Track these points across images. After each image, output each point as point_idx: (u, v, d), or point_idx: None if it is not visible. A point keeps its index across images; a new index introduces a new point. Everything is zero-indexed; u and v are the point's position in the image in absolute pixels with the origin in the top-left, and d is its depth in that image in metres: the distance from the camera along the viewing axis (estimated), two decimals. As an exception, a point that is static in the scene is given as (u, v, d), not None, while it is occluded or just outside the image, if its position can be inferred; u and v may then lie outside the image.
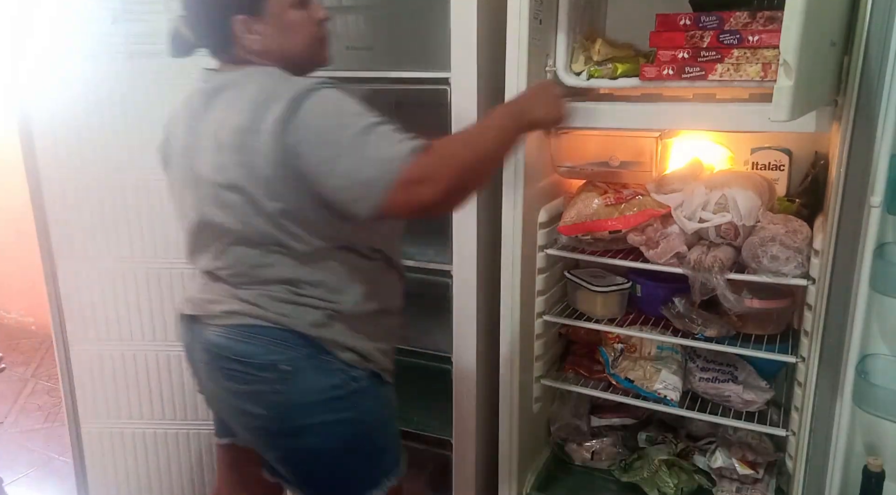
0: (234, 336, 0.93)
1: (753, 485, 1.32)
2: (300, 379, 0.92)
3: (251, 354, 0.92)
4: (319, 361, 0.93)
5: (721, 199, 1.17)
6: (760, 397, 1.27)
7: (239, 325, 0.94)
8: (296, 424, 0.94)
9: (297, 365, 0.92)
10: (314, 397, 0.93)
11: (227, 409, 1.01)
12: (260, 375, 0.92)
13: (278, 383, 0.92)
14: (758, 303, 1.20)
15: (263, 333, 0.92)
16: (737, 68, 1.07)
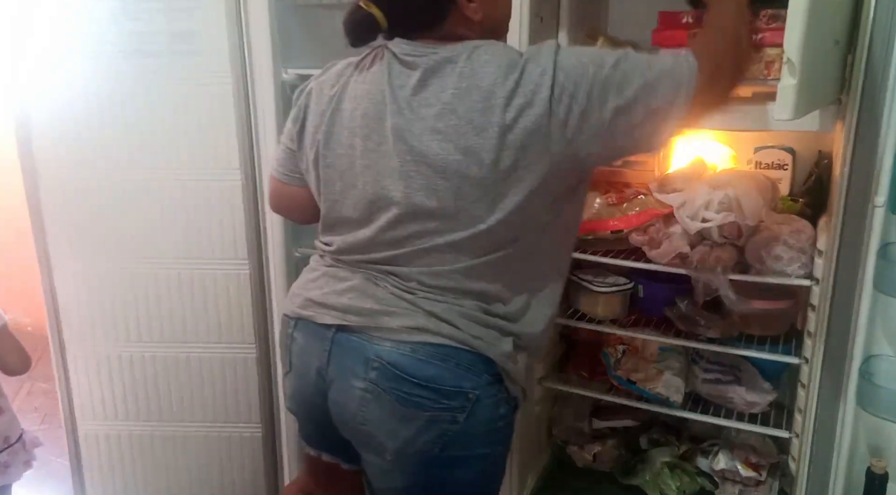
0: (421, 356, 0.84)
1: (756, 488, 1.32)
2: (479, 409, 0.85)
3: (440, 379, 0.84)
4: (497, 390, 0.87)
5: (724, 199, 1.16)
6: (763, 399, 1.26)
7: (426, 344, 0.84)
8: (458, 454, 0.87)
9: (479, 393, 0.85)
10: (484, 428, 0.87)
11: (370, 432, 0.88)
12: (444, 403, 0.84)
13: (460, 412, 0.85)
14: (761, 303, 1.20)
15: (454, 357, 0.84)
16: (740, 67, 1.06)
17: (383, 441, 0.87)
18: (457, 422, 0.85)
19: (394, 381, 0.84)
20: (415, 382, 0.84)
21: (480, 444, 0.88)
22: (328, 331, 0.89)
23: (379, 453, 0.88)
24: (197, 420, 1.50)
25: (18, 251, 2.05)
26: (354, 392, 0.87)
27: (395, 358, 0.84)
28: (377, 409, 0.86)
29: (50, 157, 1.38)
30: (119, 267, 1.42)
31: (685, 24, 1.10)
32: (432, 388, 0.84)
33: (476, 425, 0.86)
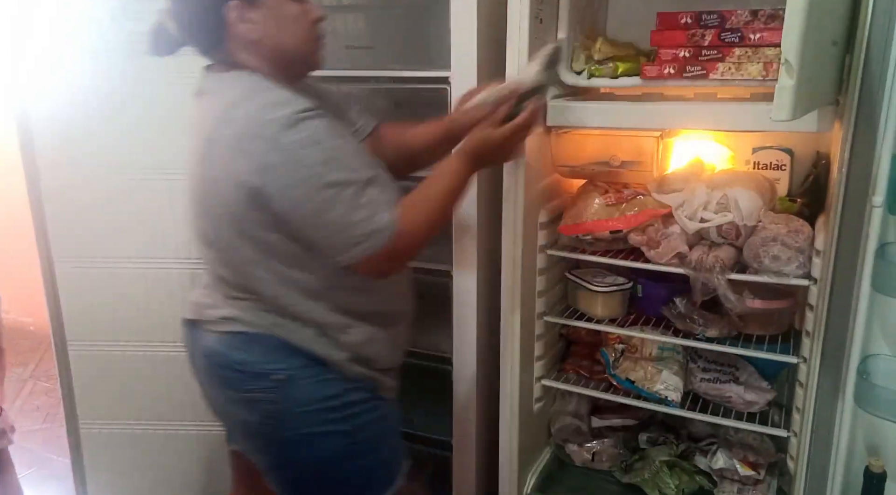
0: (231, 343, 0.93)
1: (755, 486, 1.32)
2: (295, 389, 0.92)
3: (246, 362, 0.92)
4: (315, 371, 0.93)
5: (722, 199, 1.16)
6: (762, 398, 1.27)
7: (235, 332, 0.93)
8: (289, 434, 0.94)
9: (293, 374, 0.92)
10: (308, 407, 0.93)
11: (225, 416, 1.01)
12: (255, 384, 0.92)
13: (273, 392, 0.92)
14: (759, 303, 1.20)
15: (259, 341, 0.93)
16: (738, 67, 1.07)
17: (229, 424, 1.00)
18: (274, 402, 0.92)
19: (216, 367, 0.95)
20: (229, 367, 0.93)
21: (313, 423, 0.93)
22: (185, 326, 1.02)
23: (236, 436, 1.01)
24: (198, 419, 1.50)
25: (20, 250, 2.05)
26: (200, 378, 1.00)
27: (213, 346, 0.95)
28: (212, 393, 0.99)
29: (51, 157, 1.39)
30: (120, 266, 1.43)
31: (684, 24, 1.10)
32: (244, 371, 0.92)
33: (297, 404, 0.92)
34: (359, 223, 0.84)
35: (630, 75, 1.18)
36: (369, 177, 0.86)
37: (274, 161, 0.81)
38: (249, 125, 0.83)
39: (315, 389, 0.93)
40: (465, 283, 1.30)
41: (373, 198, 0.85)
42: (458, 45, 1.17)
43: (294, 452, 0.95)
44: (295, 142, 0.81)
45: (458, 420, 1.39)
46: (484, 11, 1.16)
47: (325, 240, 0.86)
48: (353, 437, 0.96)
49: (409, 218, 0.88)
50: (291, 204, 0.83)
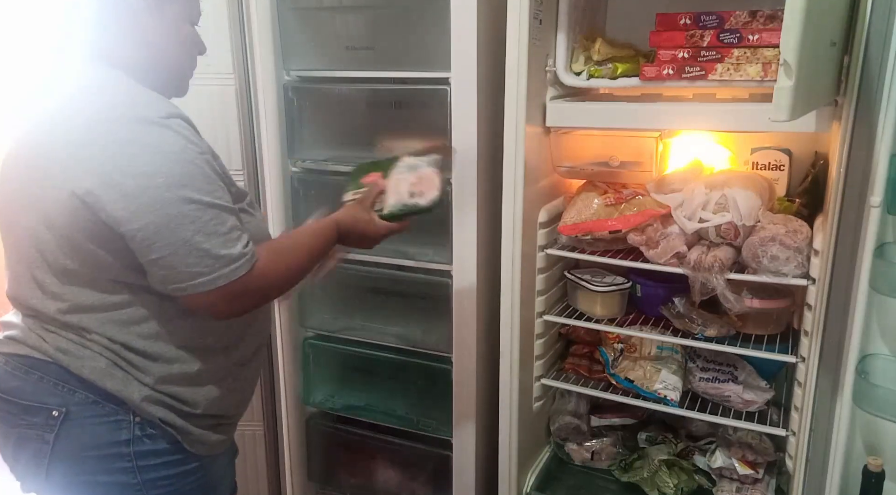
0: (9, 368, 0.80)
1: (753, 485, 1.32)
2: (74, 429, 0.78)
3: (19, 392, 0.79)
4: (107, 411, 0.78)
5: (721, 199, 1.17)
6: (760, 397, 1.27)
7: (14, 354, 0.80)
8: (68, 480, 0.79)
9: (72, 410, 0.78)
10: (92, 452, 0.78)
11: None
12: (26, 419, 0.79)
13: (46, 430, 0.78)
14: (758, 303, 1.20)
15: (39, 369, 0.79)
16: (737, 68, 1.07)
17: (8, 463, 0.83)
18: (47, 442, 0.78)
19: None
20: (5, 394, 0.80)
21: (94, 470, 0.79)
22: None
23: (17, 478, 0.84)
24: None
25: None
26: None
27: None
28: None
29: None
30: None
31: (683, 25, 1.11)
32: (14, 402, 0.79)
33: (77, 447, 0.78)
34: (212, 250, 0.73)
35: (629, 76, 1.19)
36: (233, 209, 0.77)
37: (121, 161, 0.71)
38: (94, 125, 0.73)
39: (100, 431, 0.78)
40: (464, 283, 1.31)
41: (233, 229, 0.75)
42: (457, 46, 1.18)
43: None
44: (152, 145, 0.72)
45: (458, 419, 1.39)
46: (484, 12, 1.16)
47: (163, 263, 0.73)
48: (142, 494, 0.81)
49: (270, 259, 0.79)
50: (131, 214, 0.71)
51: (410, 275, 1.39)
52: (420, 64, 1.24)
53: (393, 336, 1.45)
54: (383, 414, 1.51)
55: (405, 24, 1.27)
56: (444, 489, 1.46)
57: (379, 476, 1.57)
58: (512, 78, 1.16)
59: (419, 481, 1.54)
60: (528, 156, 1.21)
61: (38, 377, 0.79)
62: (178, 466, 0.83)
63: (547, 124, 1.26)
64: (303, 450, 1.59)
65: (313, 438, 1.59)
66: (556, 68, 1.24)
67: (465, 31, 1.16)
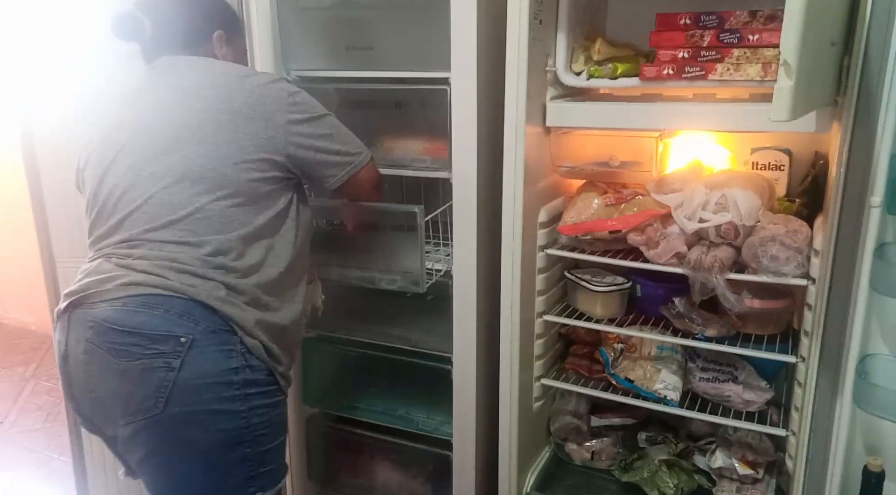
0: (130, 307, 0.88)
1: (753, 485, 1.32)
2: (196, 355, 0.86)
3: (147, 325, 0.86)
4: (223, 340, 0.89)
5: (721, 199, 1.17)
6: (760, 397, 1.27)
7: (136, 295, 0.88)
8: (183, 409, 0.87)
9: (195, 339, 0.86)
10: (210, 379, 0.87)
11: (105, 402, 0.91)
12: (154, 348, 0.86)
13: (173, 357, 0.86)
14: (758, 303, 1.20)
15: (163, 303, 0.87)
16: (737, 68, 1.07)
17: (111, 405, 0.90)
18: (172, 369, 0.86)
19: (106, 335, 0.88)
20: (124, 331, 0.87)
21: (210, 399, 0.87)
22: (63, 315, 0.94)
23: (113, 421, 0.91)
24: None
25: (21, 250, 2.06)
26: (79, 357, 0.91)
27: (107, 313, 0.89)
28: (96, 369, 0.90)
29: (53, 158, 1.39)
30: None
31: (683, 25, 1.11)
32: (141, 334, 0.87)
33: (196, 374, 0.86)
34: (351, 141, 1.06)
35: (629, 76, 1.18)
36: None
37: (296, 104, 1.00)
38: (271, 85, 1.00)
39: (222, 359, 0.88)
40: (464, 282, 1.31)
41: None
42: (457, 46, 1.17)
43: (188, 432, 0.88)
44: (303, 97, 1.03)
45: (458, 418, 1.39)
46: (484, 12, 1.16)
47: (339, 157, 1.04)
48: (246, 420, 0.90)
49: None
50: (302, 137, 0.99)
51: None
52: (420, 64, 1.24)
53: (393, 336, 1.45)
54: (383, 414, 1.51)
55: (405, 24, 1.27)
56: (444, 489, 1.46)
57: (379, 476, 1.57)
58: (512, 78, 1.16)
59: (419, 481, 1.54)
60: (528, 156, 1.21)
61: (163, 310, 0.87)
62: (272, 396, 0.95)
63: (547, 124, 1.26)
64: (303, 450, 1.59)
65: (313, 438, 1.59)
66: (556, 68, 1.24)
67: (465, 31, 1.16)
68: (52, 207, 1.42)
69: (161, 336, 0.86)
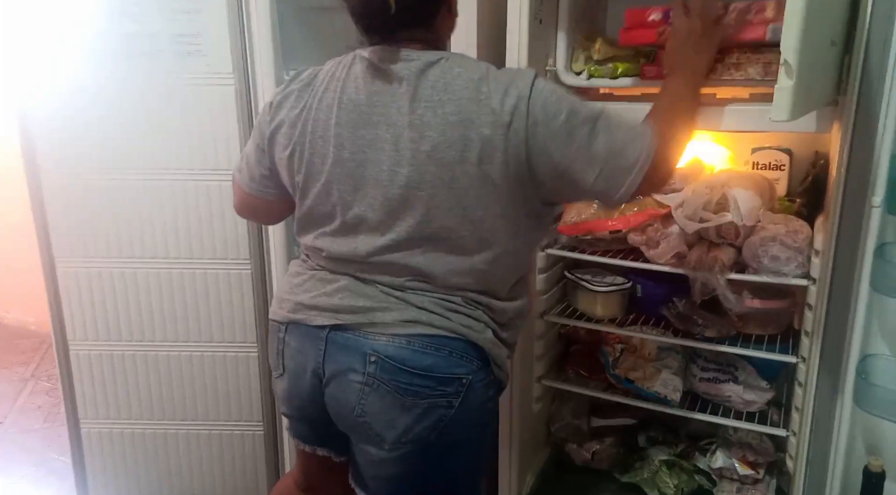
0: (417, 347, 0.88)
1: (754, 486, 1.32)
2: (471, 393, 0.90)
3: (437, 368, 0.89)
4: (485, 374, 0.92)
5: (721, 199, 1.17)
6: (761, 397, 1.27)
7: (421, 336, 0.89)
8: (453, 439, 0.92)
9: (472, 378, 0.91)
10: (476, 411, 0.92)
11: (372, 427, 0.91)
12: (441, 389, 0.89)
13: (454, 397, 0.89)
14: (758, 303, 1.20)
15: (447, 345, 0.89)
16: (737, 67, 1.07)
17: (381, 431, 0.91)
18: (452, 407, 0.89)
19: (392, 373, 0.88)
20: (413, 372, 0.88)
21: (473, 427, 0.93)
22: (322, 331, 0.92)
23: (377, 443, 0.92)
24: (199, 418, 1.50)
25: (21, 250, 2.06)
26: (353, 386, 0.90)
27: (391, 351, 0.88)
28: (377, 401, 0.89)
29: (53, 158, 1.39)
30: (122, 266, 1.43)
31: (651, 22, 1.09)
32: (431, 377, 0.88)
33: (469, 409, 0.91)
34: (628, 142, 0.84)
35: (629, 75, 1.18)
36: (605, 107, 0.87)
37: (537, 115, 0.82)
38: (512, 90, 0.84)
39: (483, 392, 0.92)
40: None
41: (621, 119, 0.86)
42: (457, 45, 1.17)
43: (449, 457, 0.93)
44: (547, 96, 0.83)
45: (458, 419, 1.39)
46: (484, 11, 1.16)
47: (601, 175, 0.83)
48: (489, 436, 1.00)
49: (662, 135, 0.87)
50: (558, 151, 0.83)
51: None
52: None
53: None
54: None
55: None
56: (444, 489, 1.46)
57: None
58: (512, 78, 1.16)
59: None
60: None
61: (447, 352, 0.89)
62: (496, 400, 0.98)
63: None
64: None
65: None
66: (556, 68, 1.24)
67: (465, 30, 1.16)
68: (52, 206, 1.41)
69: (447, 378, 0.90)
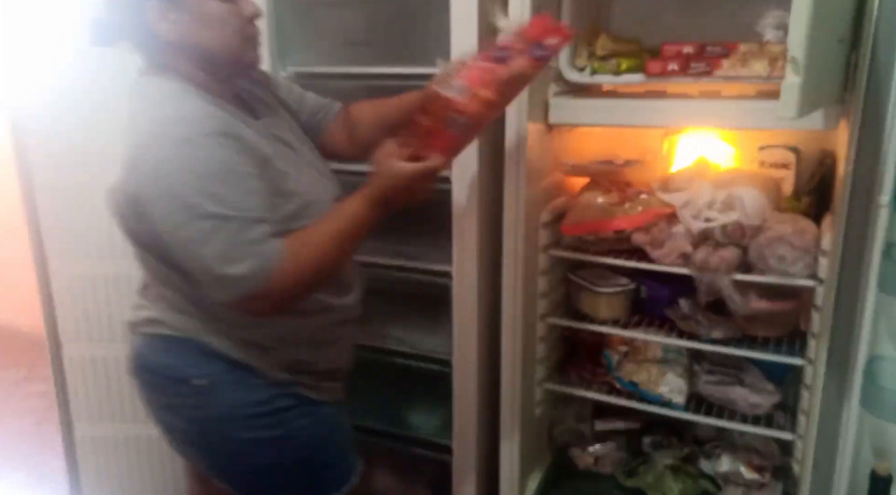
0: (155, 346, 0.92)
1: (760, 490, 1.31)
2: (218, 395, 0.90)
3: (168, 367, 0.91)
4: (240, 376, 0.90)
5: (727, 198, 1.15)
6: (767, 400, 1.25)
7: (158, 335, 0.92)
8: (218, 439, 0.92)
9: (215, 380, 0.90)
10: (234, 412, 0.90)
11: (157, 420, 0.97)
12: (176, 389, 0.91)
13: (194, 397, 0.90)
14: (765, 304, 1.19)
15: (180, 345, 0.90)
16: (743, 63, 1.06)
17: (159, 427, 0.97)
18: (197, 408, 0.90)
19: (140, 371, 0.94)
20: (153, 370, 0.92)
21: (241, 428, 0.91)
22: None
23: (173, 441, 0.98)
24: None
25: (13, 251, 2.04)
26: (135, 383, 0.97)
27: (138, 349, 0.94)
28: (143, 398, 0.96)
29: (45, 157, 1.37)
30: (115, 267, 1.41)
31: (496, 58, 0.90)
32: (167, 376, 0.91)
33: (223, 409, 0.90)
34: (235, 260, 0.77)
35: (633, 72, 1.17)
36: (256, 217, 0.79)
37: (159, 181, 0.78)
38: (144, 139, 0.81)
39: (240, 395, 0.91)
40: (465, 284, 1.29)
41: (254, 238, 0.78)
42: (457, 42, 1.16)
43: (227, 458, 0.94)
44: (183, 167, 0.77)
45: (459, 423, 1.37)
46: (484, 6, 1.15)
47: (200, 274, 0.80)
48: (286, 444, 0.94)
49: (295, 257, 0.81)
50: (168, 228, 0.79)
51: (410, 277, 1.37)
52: (419, 59, 1.22)
53: (391, 338, 1.43)
54: (382, 418, 1.49)
55: (404, 18, 1.26)
56: (444, 494, 1.44)
57: (378, 480, 1.55)
58: (514, 75, 1.14)
59: (419, 486, 1.52)
60: (531, 154, 1.20)
61: (182, 353, 0.90)
62: (310, 416, 0.95)
63: (549, 121, 1.24)
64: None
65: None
66: (558, 64, 1.23)
67: (465, 26, 1.15)
68: (44, 207, 1.40)
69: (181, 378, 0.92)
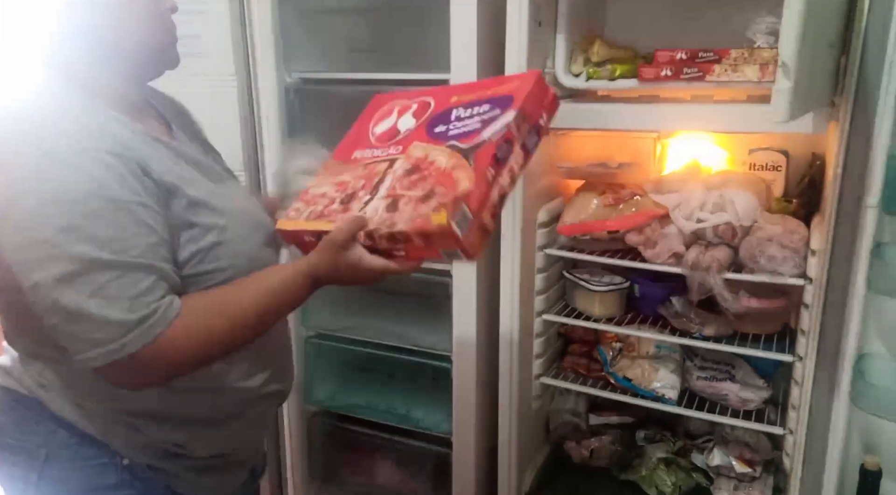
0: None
1: (751, 483, 1.33)
2: (56, 471, 0.71)
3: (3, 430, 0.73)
4: (92, 454, 0.71)
5: (719, 200, 1.17)
6: (758, 396, 1.28)
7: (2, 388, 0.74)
8: None
9: (52, 451, 0.71)
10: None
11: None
12: (9, 458, 0.72)
13: (29, 471, 0.71)
14: (755, 302, 1.21)
15: (21, 404, 0.72)
16: (735, 69, 1.08)
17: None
18: (30, 483, 0.71)
19: None
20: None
21: None
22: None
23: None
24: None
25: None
26: None
27: None
28: None
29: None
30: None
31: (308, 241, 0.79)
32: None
33: (60, 491, 0.71)
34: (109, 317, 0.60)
35: (627, 77, 1.19)
36: (141, 263, 0.62)
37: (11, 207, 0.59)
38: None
39: (91, 475, 0.71)
40: (464, 282, 1.31)
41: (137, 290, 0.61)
42: (458, 48, 1.18)
43: None
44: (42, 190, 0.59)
45: (458, 417, 1.40)
46: (483, 14, 1.17)
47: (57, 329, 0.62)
48: None
49: (191, 325, 0.64)
50: (19, 268, 0.60)
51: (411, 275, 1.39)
52: (421, 66, 1.24)
53: (393, 335, 1.46)
54: (384, 413, 1.51)
55: (406, 25, 1.27)
56: (444, 486, 1.47)
57: (380, 473, 1.58)
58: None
59: (419, 479, 1.55)
60: (528, 157, 1.21)
61: (20, 413, 0.72)
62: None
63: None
64: (304, 448, 1.60)
65: (315, 436, 1.60)
66: (554, 70, 1.25)
67: (465, 32, 1.17)
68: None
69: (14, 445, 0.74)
